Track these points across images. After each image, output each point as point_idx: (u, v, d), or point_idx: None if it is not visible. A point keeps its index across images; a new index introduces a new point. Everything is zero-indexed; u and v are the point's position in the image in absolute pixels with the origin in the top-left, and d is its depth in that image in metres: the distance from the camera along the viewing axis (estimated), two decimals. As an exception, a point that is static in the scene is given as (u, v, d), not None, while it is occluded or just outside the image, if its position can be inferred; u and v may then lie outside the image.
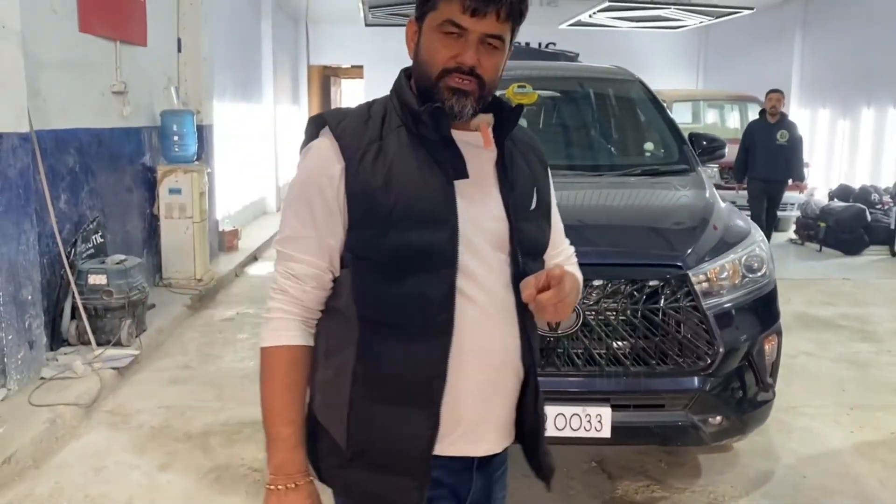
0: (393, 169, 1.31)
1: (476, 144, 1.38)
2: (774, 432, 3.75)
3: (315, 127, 1.40)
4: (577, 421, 2.65)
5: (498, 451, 1.44)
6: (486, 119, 1.40)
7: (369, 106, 1.40)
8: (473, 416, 1.36)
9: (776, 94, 7.86)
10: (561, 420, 2.64)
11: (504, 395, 1.40)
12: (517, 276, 1.37)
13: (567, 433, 2.65)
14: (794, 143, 7.82)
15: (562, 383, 2.72)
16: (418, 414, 1.32)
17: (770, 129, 7.77)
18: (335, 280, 1.37)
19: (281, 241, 1.37)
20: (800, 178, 8.43)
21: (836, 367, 4.82)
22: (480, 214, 1.35)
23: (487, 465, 1.45)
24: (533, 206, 1.45)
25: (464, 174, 1.33)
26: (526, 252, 1.40)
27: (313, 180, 1.34)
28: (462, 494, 1.42)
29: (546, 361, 2.69)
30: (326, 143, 1.34)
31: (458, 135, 1.36)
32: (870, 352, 5.15)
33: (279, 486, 1.32)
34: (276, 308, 1.36)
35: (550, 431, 2.65)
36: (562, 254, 1.59)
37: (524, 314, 1.39)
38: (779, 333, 2.99)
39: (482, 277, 1.35)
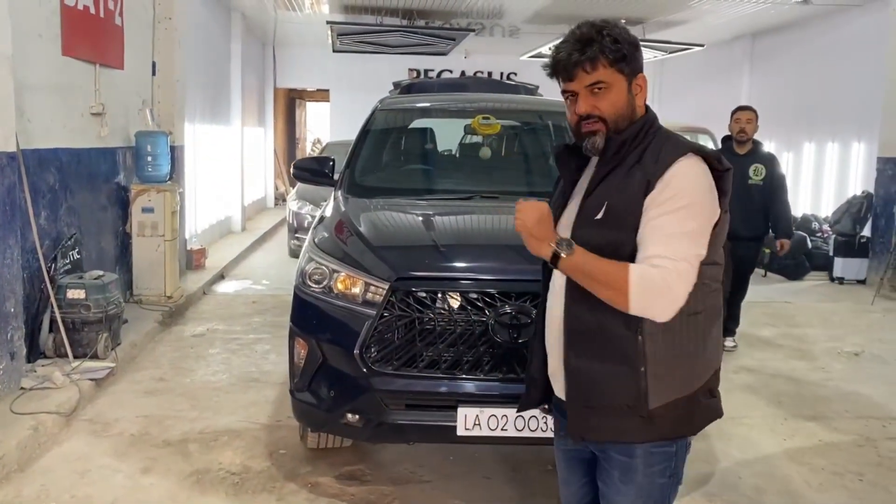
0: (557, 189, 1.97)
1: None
2: (716, 440, 4.08)
3: None
4: (535, 423, 2.93)
5: (562, 397, 1.87)
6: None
7: None
8: (552, 367, 1.89)
9: (746, 113, 5.54)
10: (520, 422, 2.91)
11: (558, 355, 1.84)
12: None
13: (526, 434, 2.92)
14: (775, 184, 5.61)
15: (519, 388, 2.99)
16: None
17: (738, 162, 5.36)
18: None
19: None
20: (786, 232, 5.87)
21: (775, 382, 5.20)
22: (565, 221, 1.82)
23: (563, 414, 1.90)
24: (599, 216, 1.71)
25: (565, 192, 1.92)
26: None
27: None
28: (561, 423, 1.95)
29: (507, 368, 2.97)
30: None
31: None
32: (805, 368, 5.54)
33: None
34: None
35: (510, 432, 2.93)
36: (641, 253, 1.67)
37: (570, 296, 1.77)
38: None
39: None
